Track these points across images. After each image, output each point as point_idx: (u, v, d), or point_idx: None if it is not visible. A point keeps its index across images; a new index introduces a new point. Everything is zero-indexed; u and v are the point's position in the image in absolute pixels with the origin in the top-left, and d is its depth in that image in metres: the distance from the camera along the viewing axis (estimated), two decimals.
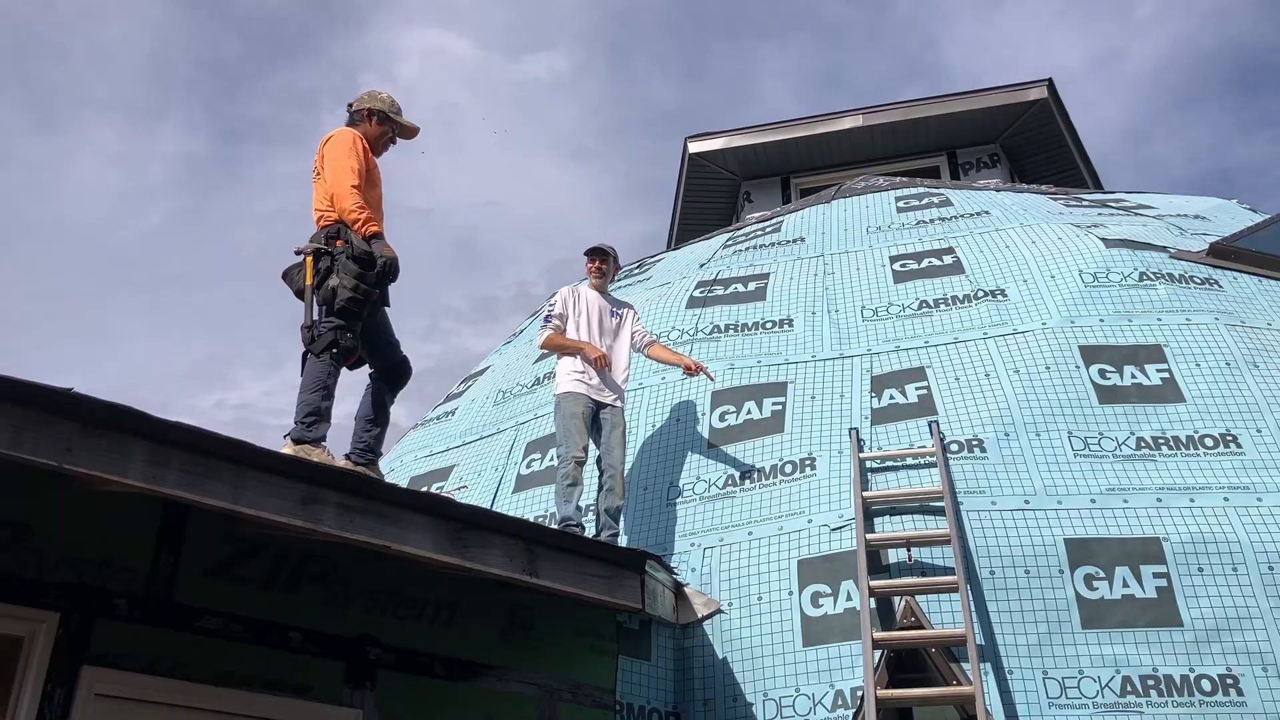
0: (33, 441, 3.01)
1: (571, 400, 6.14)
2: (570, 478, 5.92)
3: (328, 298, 4.89)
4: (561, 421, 6.13)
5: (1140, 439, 5.82)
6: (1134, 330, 6.52)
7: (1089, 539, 5.32)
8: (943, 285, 7.31)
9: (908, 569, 5.39)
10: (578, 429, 6.05)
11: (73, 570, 3.61)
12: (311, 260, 4.94)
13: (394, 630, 4.40)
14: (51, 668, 3.48)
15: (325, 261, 4.94)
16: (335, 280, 4.86)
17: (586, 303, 6.56)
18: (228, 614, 3.95)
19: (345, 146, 5.19)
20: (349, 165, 5.12)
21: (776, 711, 5.15)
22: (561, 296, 6.55)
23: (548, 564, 4.23)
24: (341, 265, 4.91)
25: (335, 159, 5.13)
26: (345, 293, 4.86)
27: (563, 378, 6.26)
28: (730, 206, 14.09)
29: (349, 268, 4.90)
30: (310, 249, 4.98)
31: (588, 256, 6.71)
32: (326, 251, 4.97)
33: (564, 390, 6.20)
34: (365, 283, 4.94)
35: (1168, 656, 4.92)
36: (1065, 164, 13.47)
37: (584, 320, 6.46)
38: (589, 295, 6.61)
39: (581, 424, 6.08)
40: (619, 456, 6.14)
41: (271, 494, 3.47)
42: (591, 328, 6.45)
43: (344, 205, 5.03)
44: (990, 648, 5.00)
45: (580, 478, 5.96)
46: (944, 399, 6.26)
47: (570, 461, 5.95)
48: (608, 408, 6.24)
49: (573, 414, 6.10)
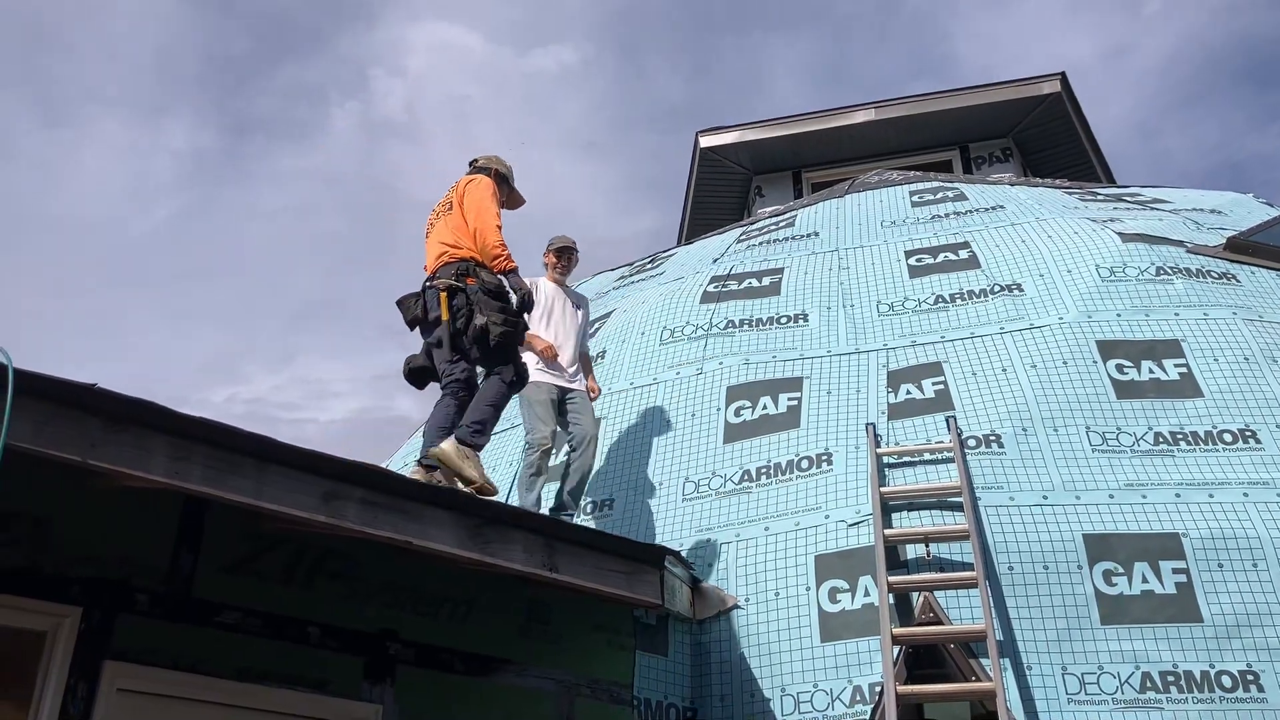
0: (56, 437, 3.00)
1: (534, 387, 6.18)
2: (535, 466, 6.00)
3: (478, 336, 5.13)
4: (528, 409, 6.18)
5: (1159, 434, 5.79)
6: (1151, 325, 6.49)
7: (1108, 534, 5.30)
8: (959, 280, 7.29)
9: (926, 564, 5.37)
10: (544, 416, 6.12)
11: (94, 565, 3.61)
12: (447, 296, 5.18)
13: (413, 626, 4.40)
14: (74, 662, 3.48)
15: (461, 298, 5.18)
16: (482, 318, 5.10)
17: (545, 295, 6.58)
18: (247, 609, 3.95)
19: (488, 191, 5.58)
20: (493, 208, 5.50)
21: (794, 707, 5.14)
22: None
23: (568, 559, 4.22)
24: (483, 302, 5.18)
25: (480, 200, 5.50)
26: (497, 329, 5.11)
27: (529, 366, 6.28)
28: (741, 201, 14.06)
29: (491, 304, 5.18)
30: (445, 285, 5.23)
31: (556, 254, 6.72)
32: (460, 288, 5.21)
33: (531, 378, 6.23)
34: (510, 315, 5.20)
35: (1188, 653, 4.90)
36: (1078, 158, 13.42)
37: (543, 311, 6.49)
38: (547, 288, 6.64)
39: (548, 411, 6.15)
40: (590, 426, 6.22)
41: (294, 489, 3.46)
42: (553, 319, 6.49)
43: (489, 240, 5.36)
44: (1009, 643, 4.98)
45: (545, 467, 6.04)
46: (961, 394, 6.23)
47: (537, 450, 6.03)
48: (572, 393, 6.30)
49: (538, 401, 6.15)
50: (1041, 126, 12.97)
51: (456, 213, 5.54)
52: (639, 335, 7.73)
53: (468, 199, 5.52)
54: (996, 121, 12.90)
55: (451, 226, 5.50)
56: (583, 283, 10.91)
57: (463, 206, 5.51)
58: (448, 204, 5.66)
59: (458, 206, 5.55)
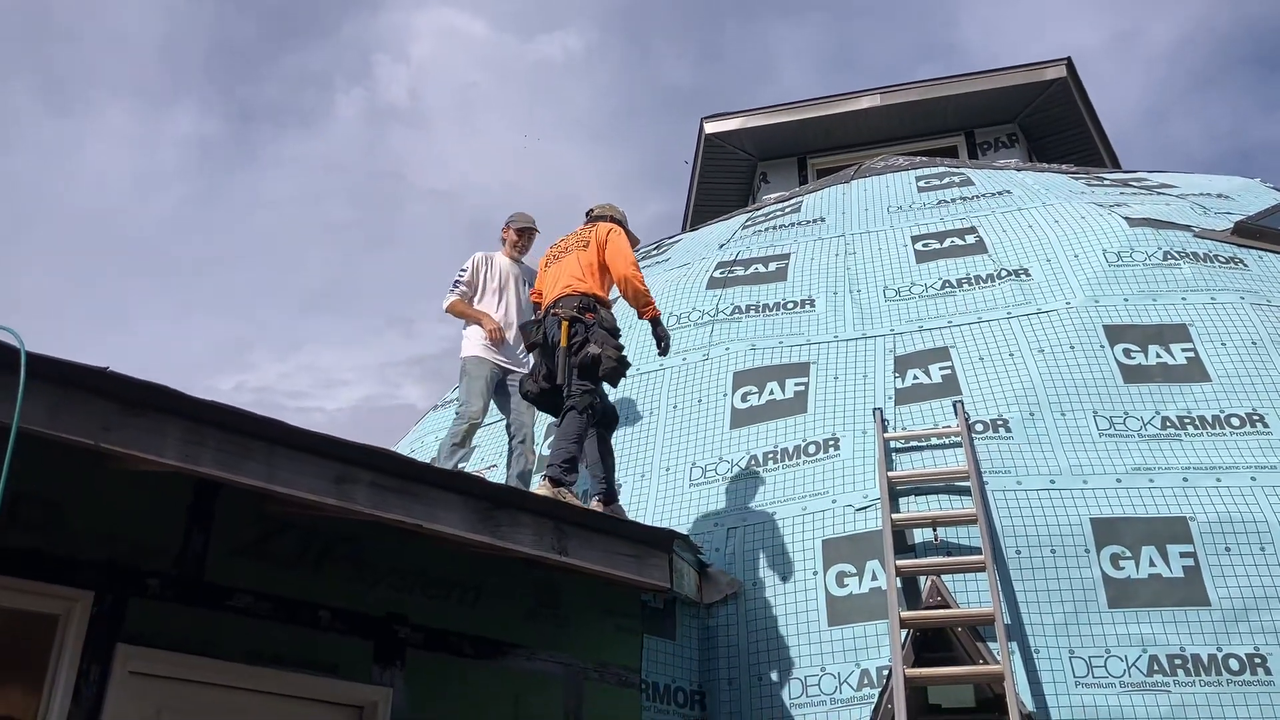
0: (70, 420, 3.02)
1: (477, 364, 6.26)
2: (459, 437, 6.09)
3: (587, 363, 5.37)
4: (466, 383, 6.25)
5: (1166, 418, 5.79)
6: (1159, 309, 6.48)
7: (1115, 518, 5.30)
8: (965, 265, 7.28)
9: (933, 549, 5.38)
10: (480, 392, 6.19)
11: (106, 549, 3.62)
12: (567, 325, 5.45)
13: (422, 609, 4.41)
14: (86, 645, 3.50)
15: (579, 329, 5.45)
16: (595, 349, 5.36)
17: (500, 270, 6.61)
18: (257, 592, 3.97)
19: (625, 239, 5.90)
20: (631, 256, 5.83)
21: (802, 691, 5.15)
22: (473, 263, 6.60)
23: (577, 543, 4.23)
24: (599, 335, 5.45)
25: (625, 249, 5.82)
26: (610, 362, 5.37)
27: (472, 342, 6.37)
28: (746, 187, 14.04)
29: (607, 338, 5.46)
30: (567, 315, 5.49)
31: (518, 234, 6.78)
32: (579, 319, 5.47)
33: (471, 354, 6.34)
34: (622, 355, 5.48)
35: (1195, 636, 4.90)
36: (1084, 144, 13.38)
37: (495, 287, 6.53)
38: (502, 263, 6.67)
39: (485, 388, 6.22)
40: (529, 421, 6.29)
41: (305, 473, 3.48)
42: (506, 296, 6.54)
43: (638, 288, 5.72)
44: (1017, 627, 4.99)
45: (469, 442, 6.16)
46: (968, 379, 6.23)
47: (465, 422, 6.11)
48: (515, 374, 6.34)
49: (478, 377, 6.22)
50: (1047, 112, 12.94)
51: (592, 253, 5.80)
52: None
53: (611, 246, 5.80)
54: (1002, 107, 12.87)
55: (584, 264, 5.76)
56: None
57: (603, 250, 5.79)
58: (582, 241, 5.91)
59: (595, 248, 5.80)
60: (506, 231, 6.85)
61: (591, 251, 5.80)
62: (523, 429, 6.29)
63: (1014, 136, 13.06)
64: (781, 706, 5.15)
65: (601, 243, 5.82)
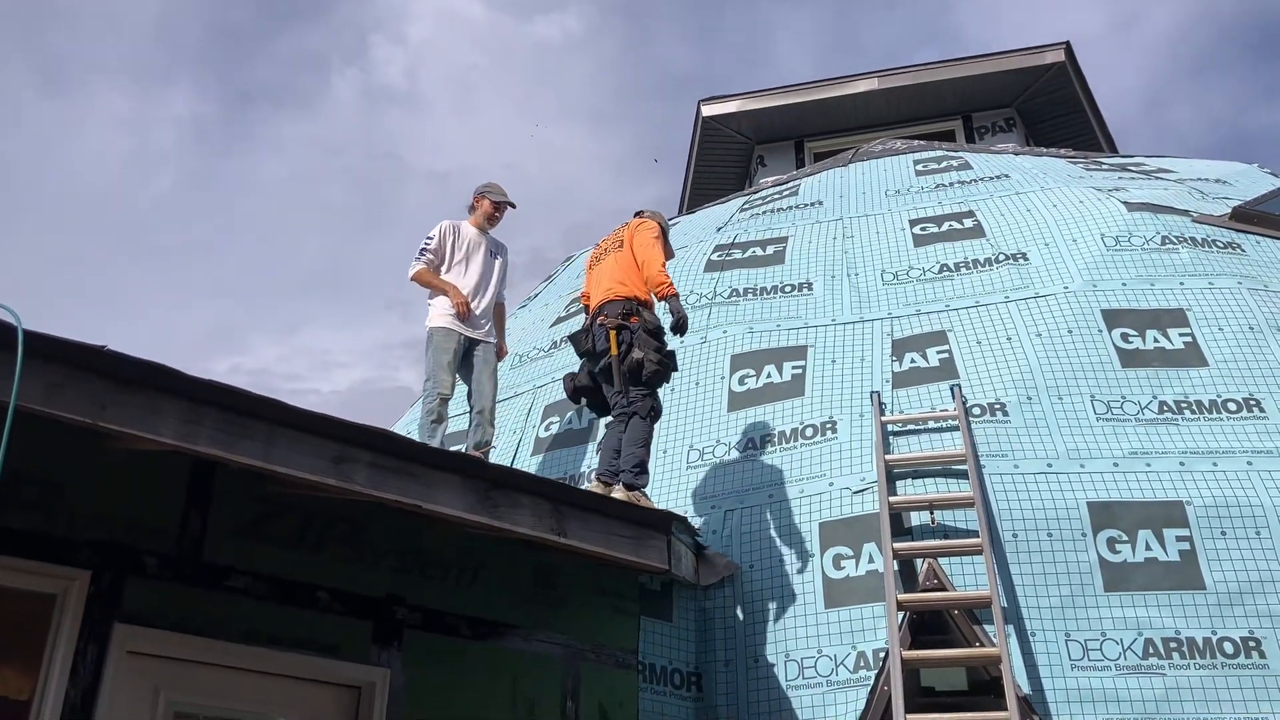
0: (68, 399, 3.00)
1: (444, 335, 6.26)
2: (435, 414, 6.11)
3: (633, 368, 5.54)
4: (433, 356, 6.26)
5: (1163, 403, 5.80)
6: (1156, 294, 6.49)
7: (1112, 502, 5.31)
8: (963, 249, 7.27)
9: (930, 532, 5.39)
10: (447, 365, 6.21)
11: (103, 528, 3.61)
12: (615, 334, 5.63)
13: (420, 590, 4.41)
14: (84, 625, 3.48)
15: (625, 335, 5.62)
16: (639, 353, 5.53)
17: (467, 240, 6.59)
18: (255, 573, 3.95)
19: (655, 232, 6.06)
20: (659, 246, 6.00)
21: (798, 672, 5.17)
22: (440, 231, 6.56)
23: (576, 524, 4.22)
24: (642, 339, 5.61)
25: (647, 238, 5.98)
26: (651, 366, 5.54)
27: (438, 312, 6.36)
28: (743, 170, 14.01)
29: (649, 342, 5.62)
30: (614, 324, 5.68)
31: (494, 206, 6.76)
32: (625, 326, 5.64)
33: (438, 325, 6.33)
34: (663, 354, 5.64)
35: (1190, 619, 4.92)
36: (1081, 128, 13.37)
37: (462, 257, 6.52)
38: (470, 233, 6.65)
39: (452, 359, 6.24)
40: (490, 393, 6.35)
41: (304, 452, 3.46)
42: (473, 265, 6.53)
43: (653, 270, 5.83)
44: (1013, 610, 5.01)
45: (445, 414, 6.17)
46: (965, 362, 6.23)
47: (435, 397, 6.14)
48: (480, 344, 6.38)
49: (444, 349, 6.23)
50: (1045, 96, 12.92)
51: (626, 251, 5.97)
52: None
53: (637, 237, 5.99)
54: (1000, 91, 12.85)
55: (622, 264, 5.92)
56: (585, 251, 10.87)
57: (633, 245, 5.95)
58: (617, 241, 6.09)
59: (628, 245, 5.98)
60: (479, 201, 6.78)
61: (626, 250, 5.97)
62: (483, 399, 6.33)
63: (1011, 121, 13.04)
64: (778, 688, 5.17)
65: (631, 237, 5.98)
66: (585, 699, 4.84)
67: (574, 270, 10.14)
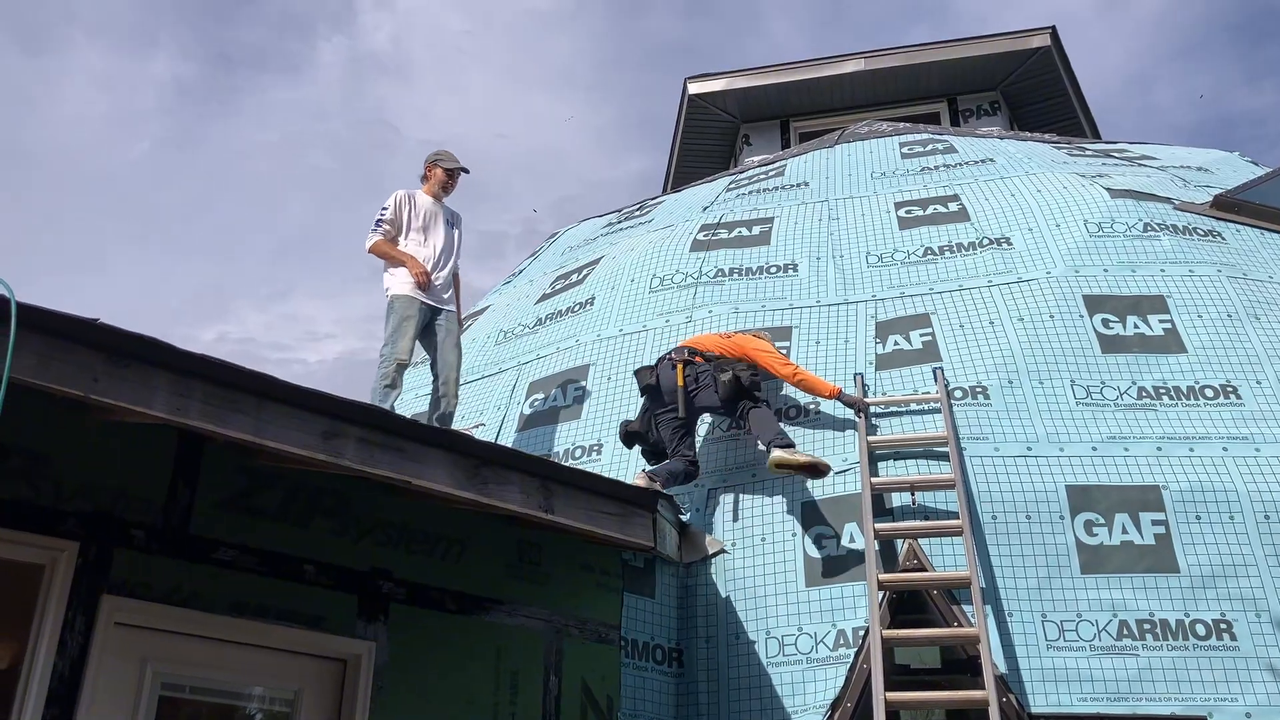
0: (60, 371, 3.00)
1: (406, 303, 6.24)
2: (389, 379, 6.10)
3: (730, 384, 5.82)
4: (394, 322, 6.23)
5: (1142, 389, 5.87)
6: (1138, 281, 6.55)
7: (1090, 486, 5.39)
8: (948, 232, 7.31)
9: (911, 513, 5.45)
10: (407, 332, 6.19)
11: (91, 500, 3.62)
12: (683, 368, 5.97)
13: (406, 564, 4.44)
14: (72, 596, 3.50)
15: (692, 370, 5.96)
16: (726, 373, 5.85)
17: (424, 210, 6.57)
18: (242, 546, 3.98)
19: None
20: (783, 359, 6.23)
21: (779, 649, 5.23)
22: (395, 201, 6.52)
23: (563, 501, 4.26)
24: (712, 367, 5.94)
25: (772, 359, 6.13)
26: (746, 374, 5.85)
27: (399, 280, 6.33)
28: (728, 149, 14.00)
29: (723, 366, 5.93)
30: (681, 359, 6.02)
31: (448, 174, 6.74)
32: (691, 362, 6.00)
33: (399, 292, 6.30)
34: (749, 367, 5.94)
35: (1164, 601, 5.01)
36: (1065, 113, 13.41)
37: (420, 226, 6.50)
38: (425, 202, 6.62)
39: (412, 328, 6.22)
40: (454, 362, 6.36)
41: (294, 427, 3.48)
42: (430, 233, 6.51)
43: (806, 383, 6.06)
44: (991, 590, 5.08)
45: (400, 381, 6.17)
46: (948, 346, 6.28)
47: (393, 363, 6.12)
48: (442, 313, 6.38)
49: (406, 317, 6.21)
50: (1030, 80, 12.94)
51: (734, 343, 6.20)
52: (629, 282, 7.73)
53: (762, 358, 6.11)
54: (985, 74, 12.86)
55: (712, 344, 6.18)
56: (569, 228, 10.88)
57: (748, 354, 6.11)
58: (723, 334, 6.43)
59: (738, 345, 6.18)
60: (431, 170, 6.73)
61: (734, 344, 6.19)
62: (447, 369, 6.33)
63: (996, 104, 13.06)
64: (758, 665, 5.23)
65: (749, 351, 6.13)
66: (568, 673, 4.90)
67: (559, 247, 10.14)
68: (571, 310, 7.84)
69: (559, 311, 7.94)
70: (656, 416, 5.98)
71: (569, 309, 7.88)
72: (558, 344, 7.49)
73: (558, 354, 7.36)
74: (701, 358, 6.01)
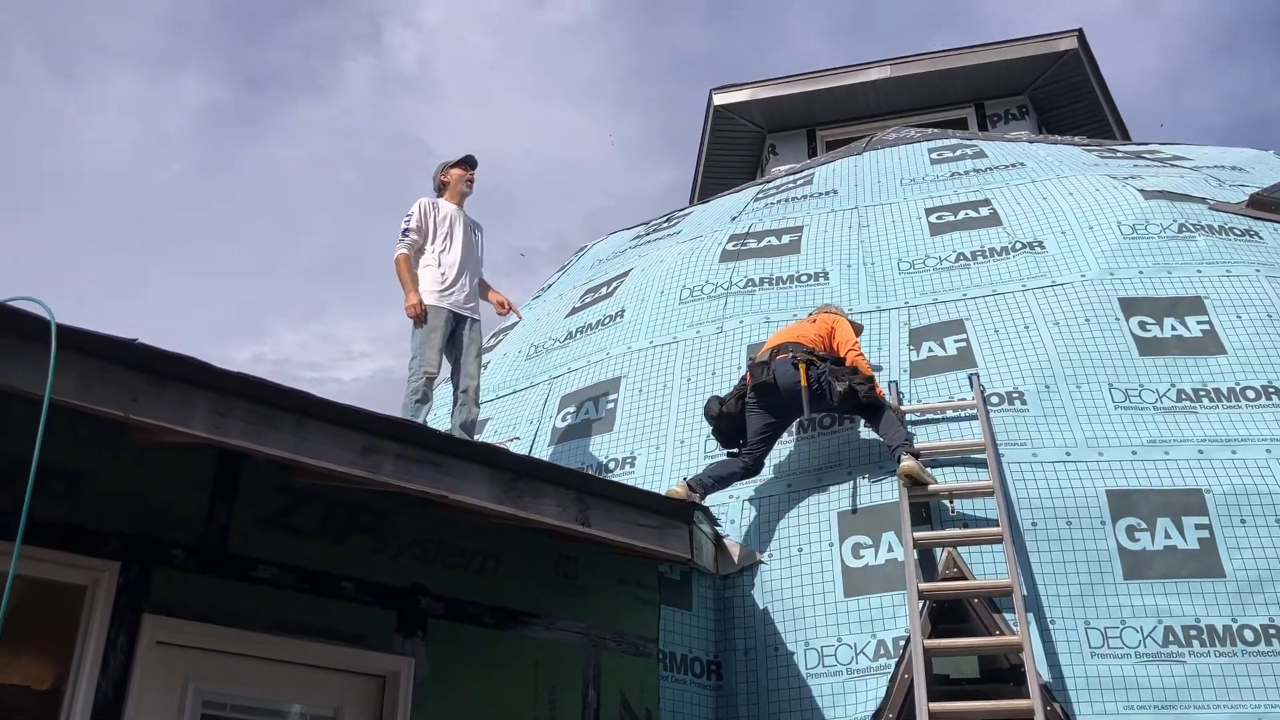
0: (100, 392, 3.03)
1: (432, 313, 6.23)
2: (419, 393, 6.08)
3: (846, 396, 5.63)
4: (421, 334, 6.21)
5: (1181, 391, 5.79)
6: (1174, 282, 6.47)
7: (1130, 490, 5.32)
8: (980, 237, 7.26)
9: (950, 520, 5.40)
10: (434, 343, 6.18)
11: (131, 520, 3.64)
12: (805, 367, 5.79)
13: (443, 579, 4.43)
14: (114, 616, 3.52)
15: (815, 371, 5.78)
16: (843, 384, 5.65)
17: (448, 216, 6.55)
18: (281, 563, 3.98)
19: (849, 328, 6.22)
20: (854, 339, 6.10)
21: (818, 661, 5.19)
22: (419, 209, 6.50)
23: (599, 514, 4.24)
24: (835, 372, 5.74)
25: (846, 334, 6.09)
26: (863, 388, 5.64)
27: (425, 289, 6.31)
28: (755, 159, 14.00)
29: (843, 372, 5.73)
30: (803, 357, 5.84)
31: (460, 169, 6.72)
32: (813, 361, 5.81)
33: (427, 303, 6.28)
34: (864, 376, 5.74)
35: (1210, 607, 4.92)
36: (1094, 115, 13.33)
37: (445, 231, 6.49)
38: (447, 208, 6.61)
39: (439, 338, 6.21)
40: (475, 372, 6.34)
41: (332, 444, 3.48)
42: (455, 241, 6.49)
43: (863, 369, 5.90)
44: (1033, 598, 5.01)
45: (430, 394, 6.15)
46: (983, 351, 6.23)
47: (421, 376, 6.10)
48: (467, 322, 6.38)
49: (433, 328, 6.20)
50: (1058, 83, 12.88)
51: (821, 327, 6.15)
52: (658, 294, 7.72)
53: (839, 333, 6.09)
54: (1013, 78, 12.81)
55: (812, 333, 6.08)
56: (598, 241, 10.90)
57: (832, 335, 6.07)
58: (811, 319, 6.33)
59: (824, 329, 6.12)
60: (446, 175, 6.73)
61: (822, 324, 6.15)
62: (469, 378, 6.30)
63: (1024, 108, 13.00)
64: (798, 676, 5.19)
65: (829, 329, 6.10)
66: (606, 687, 4.87)
67: (587, 261, 10.15)
68: (601, 323, 7.84)
69: (589, 325, 7.95)
70: (750, 405, 5.88)
71: (599, 322, 7.88)
72: (588, 357, 7.48)
73: (589, 367, 7.36)
74: (816, 356, 5.89)
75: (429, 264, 6.39)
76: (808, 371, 5.78)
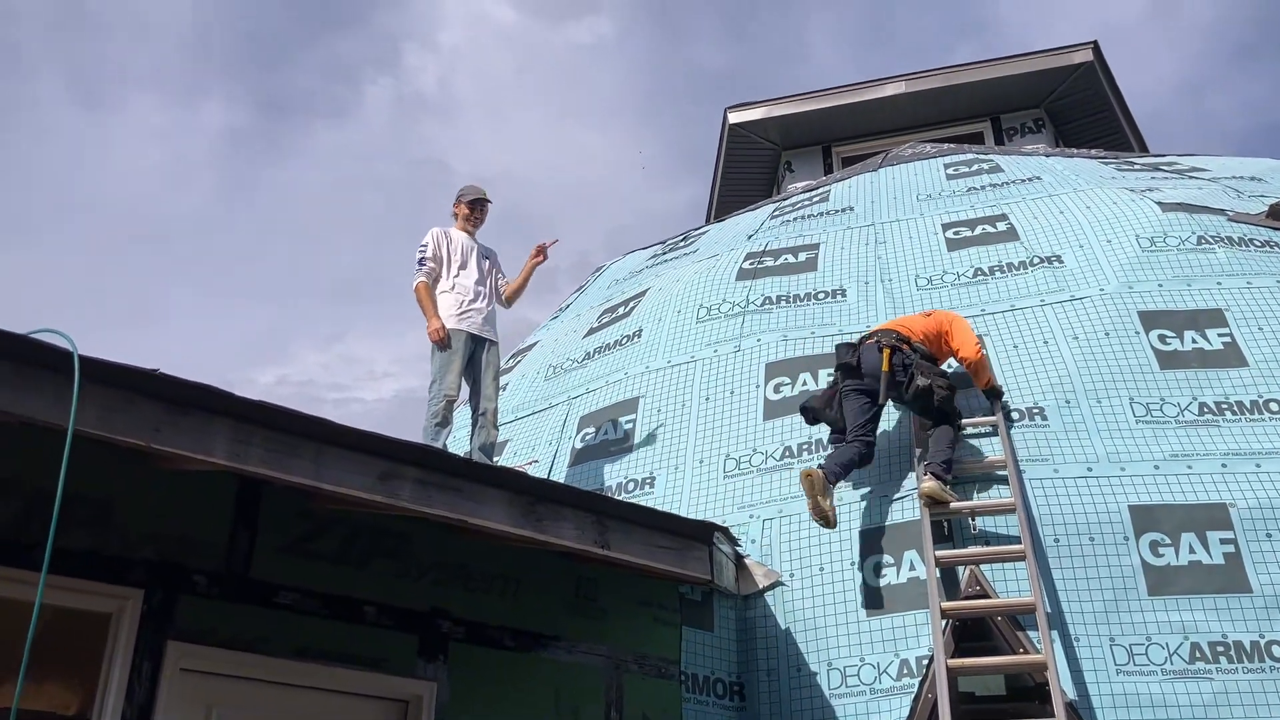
0: (122, 422, 3.06)
1: (453, 337, 6.31)
2: (440, 416, 6.16)
3: (920, 394, 5.64)
4: (441, 357, 6.30)
5: (1203, 404, 5.75)
6: (1194, 295, 6.43)
7: (1153, 506, 5.27)
8: (997, 252, 7.24)
9: (971, 538, 5.37)
10: (454, 367, 6.26)
11: (154, 547, 3.67)
12: (890, 353, 5.77)
13: (464, 603, 4.45)
14: (138, 643, 3.56)
15: (899, 357, 5.76)
16: (925, 380, 5.63)
17: (460, 244, 6.68)
18: (303, 589, 4.01)
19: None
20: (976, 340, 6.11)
21: (841, 680, 5.16)
22: (433, 238, 6.63)
23: (619, 536, 4.25)
24: (922, 366, 5.72)
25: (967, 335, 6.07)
26: (941, 392, 5.63)
27: (444, 315, 6.40)
28: (771, 176, 14.01)
29: (930, 369, 5.75)
30: (890, 344, 5.82)
31: (469, 206, 6.85)
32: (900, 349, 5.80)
33: (447, 327, 6.35)
34: (950, 381, 5.76)
35: (1237, 623, 4.87)
36: (1110, 127, 13.29)
37: (459, 260, 6.60)
38: (461, 238, 6.73)
39: (459, 361, 6.29)
40: (493, 395, 6.43)
41: (352, 470, 3.51)
42: (468, 268, 6.61)
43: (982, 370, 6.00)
44: (1056, 616, 4.97)
45: (450, 418, 6.22)
46: (1003, 367, 6.20)
47: (442, 399, 6.18)
48: (485, 345, 6.46)
49: (453, 352, 6.29)
50: (1074, 96, 12.85)
51: (935, 322, 6.15)
52: (675, 314, 7.73)
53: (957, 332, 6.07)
54: (1028, 92, 12.79)
55: (921, 324, 6.10)
56: (614, 261, 10.92)
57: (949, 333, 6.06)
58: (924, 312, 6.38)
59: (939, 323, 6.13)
60: (458, 207, 6.88)
61: (934, 321, 6.14)
62: (487, 401, 6.39)
63: (1040, 121, 12.98)
64: (821, 696, 5.16)
65: (947, 325, 6.10)
66: (629, 708, 4.86)
67: (604, 281, 10.18)
68: (619, 343, 7.85)
69: (607, 345, 7.96)
70: (844, 392, 5.85)
71: (616, 342, 7.90)
72: (606, 377, 7.50)
73: (607, 387, 7.38)
74: (908, 345, 5.85)
75: (445, 290, 6.52)
76: (891, 358, 5.75)
